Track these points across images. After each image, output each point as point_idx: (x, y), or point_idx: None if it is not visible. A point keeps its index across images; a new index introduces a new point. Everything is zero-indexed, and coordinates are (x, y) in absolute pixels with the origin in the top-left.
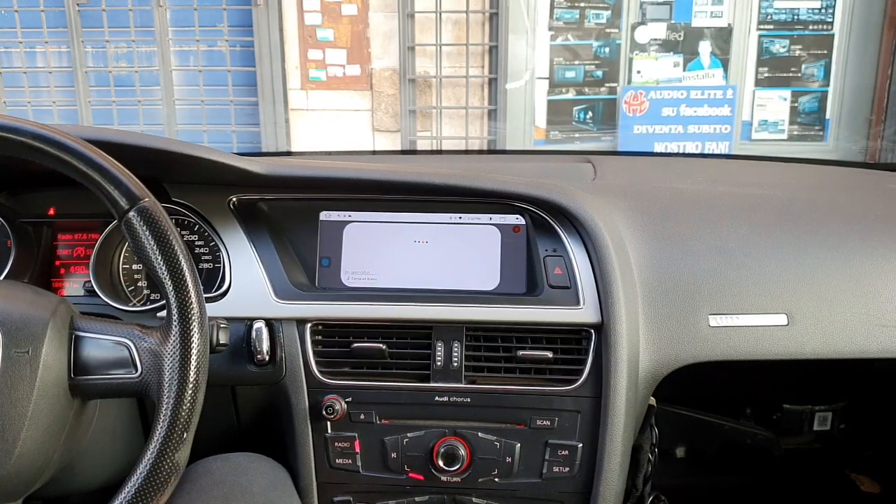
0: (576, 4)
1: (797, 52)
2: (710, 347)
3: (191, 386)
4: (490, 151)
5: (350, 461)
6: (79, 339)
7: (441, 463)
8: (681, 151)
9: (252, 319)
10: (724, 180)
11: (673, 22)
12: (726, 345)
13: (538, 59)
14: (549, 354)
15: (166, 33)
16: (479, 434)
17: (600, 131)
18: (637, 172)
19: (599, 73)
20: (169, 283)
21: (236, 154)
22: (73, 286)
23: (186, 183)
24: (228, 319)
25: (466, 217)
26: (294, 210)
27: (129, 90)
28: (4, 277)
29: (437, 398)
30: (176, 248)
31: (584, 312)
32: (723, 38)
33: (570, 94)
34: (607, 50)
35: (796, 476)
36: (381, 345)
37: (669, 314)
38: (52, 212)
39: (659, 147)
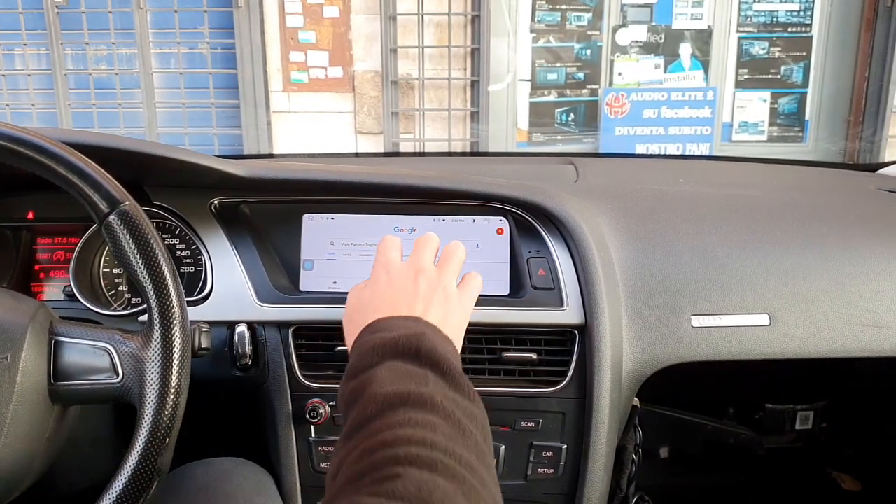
0: (557, 7)
1: (776, 54)
2: (693, 348)
3: (172, 391)
4: (473, 153)
5: None
6: (58, 344)
7: None
8: (662, 153)
9: (234, 323)
10: (705, 181)
11: (654, 24)
12: (709, 345)
13: (520, 62)
14: (534, 356)
15: (147, 35)
16: None
17: (582, 133)
18: (619, 174)
19: (581, 75)
20: (150, 287)
21: (218, 157)
22: (52, 291)
23: (167, 186)
24: (211, 323)
25: (449, 219)
26: (276, 213)
27: (109, 93)
28: None
29: None
30: (157, 251)
31: (568, 314)
32: (703, 40)
33: (552, 97)
34: (589, 52)
35: (779, 475)
36: None
37: (652, 315)
38: (31, 216)
39: (640, 148)
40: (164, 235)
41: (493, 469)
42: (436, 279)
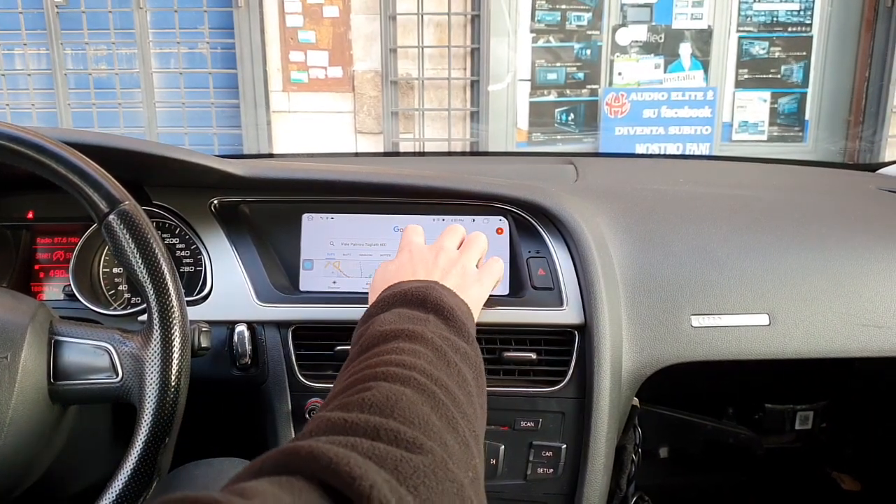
0: (557, 6)
1: (776, 54)
2: (693, 348)
3: (172, 390)
4: (473, 153)
5: None
6: (58, 343)
7: None
8: (662, 153)
9: (234, 323)
10: (705, 181)
11: (653, 24)
12: (709, 345)
13: (520, 61)
14: (533, 356)
15: (147, 35)
16: None
17: (582, 133)
18: (619, 174)
19: (581, 74)
20: (150, 286)
21: (217, 156)
22: (52, 290)
23: (167, 186)
24: (210, 323)
25: (449, 219)
26: (276, 212)
27: (109, 92)
28: None
29: None
30: (156, 251)
31: (568, 313)
32: (703, 39)
33: (552, 96)
34: (588, 52)
35: (778, 475)
36: None
37: (652, 315)
38: (30, 215)
39: (640, 148)
40: (164, 235)
41: (475, 401)
42: (455, 257)
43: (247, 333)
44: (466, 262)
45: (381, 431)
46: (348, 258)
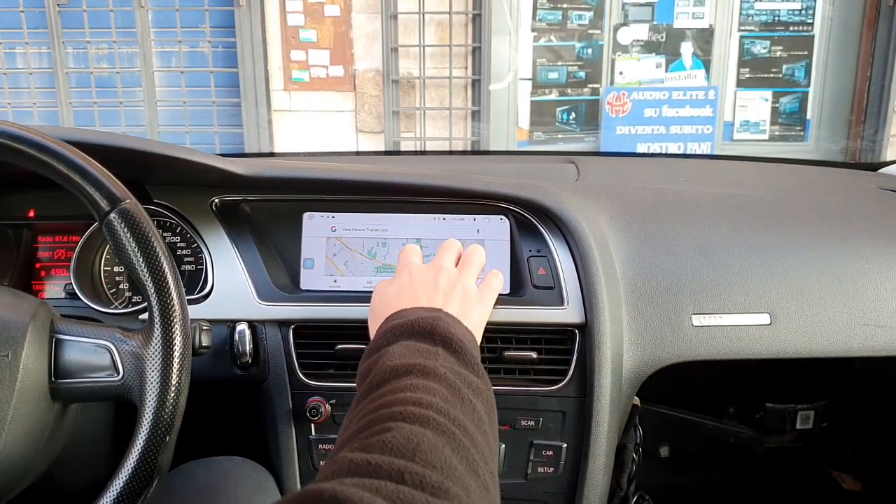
0: (558, 6)
1: (778, 54)
2: (694, 347)
3: (173, 389)
4: (474, 152)
5: None
6: (59, 342)
7: None
8: (663, 152)
9: (235, 321)
10: (706, 181)
11: (655, 23)
12: (709, 344)
13: (521, 61)
14: (534, 355)
15: (148, 34)
16: None
17: (583, 132)
18: (620, 173)
19: (582, 74)
20: (150, 285)
21: (218, 155)
22: (53, 289)
23: (168, 184)
24: (211, 321)
25: (450, 218)
26: (277, 211)
27: (110, 91)
28: None
29: None
30: (157, 249)
31: (569, 313)
32: (704, 39)
33: (553, 95)
34: (590, 51)
35: (779, 474)
36: (364, 346)
37: (653, 314)
38: (32, 214)
39: (641, 148)
40: (165, 234)
41: (489, 439)
42: (455, 277)
43: (247, 332)
44: (466, 282)
45: (406, 475)
46: (349, 257)
